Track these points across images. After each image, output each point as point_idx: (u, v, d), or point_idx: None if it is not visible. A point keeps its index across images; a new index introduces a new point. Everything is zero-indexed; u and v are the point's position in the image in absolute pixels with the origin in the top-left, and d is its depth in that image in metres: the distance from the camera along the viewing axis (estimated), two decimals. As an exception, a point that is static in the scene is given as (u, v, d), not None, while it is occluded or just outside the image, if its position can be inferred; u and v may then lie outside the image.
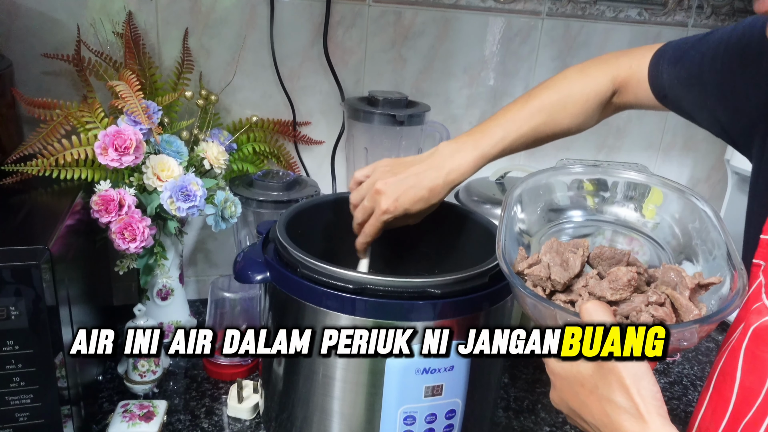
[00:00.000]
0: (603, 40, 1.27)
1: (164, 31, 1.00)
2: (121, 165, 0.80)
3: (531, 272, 0.55)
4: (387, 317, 0.65)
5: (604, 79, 0.76)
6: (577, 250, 0.57)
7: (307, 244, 0.83)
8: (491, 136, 0.76)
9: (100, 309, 0.96)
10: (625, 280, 0.52)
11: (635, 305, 0.51)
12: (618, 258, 0.57)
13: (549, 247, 0.58)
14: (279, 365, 0.75)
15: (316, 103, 1.13)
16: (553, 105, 0.77)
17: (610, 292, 0.52)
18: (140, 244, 0.81)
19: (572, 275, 0.55)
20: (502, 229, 0.61)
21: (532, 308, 0.52)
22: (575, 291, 0.55)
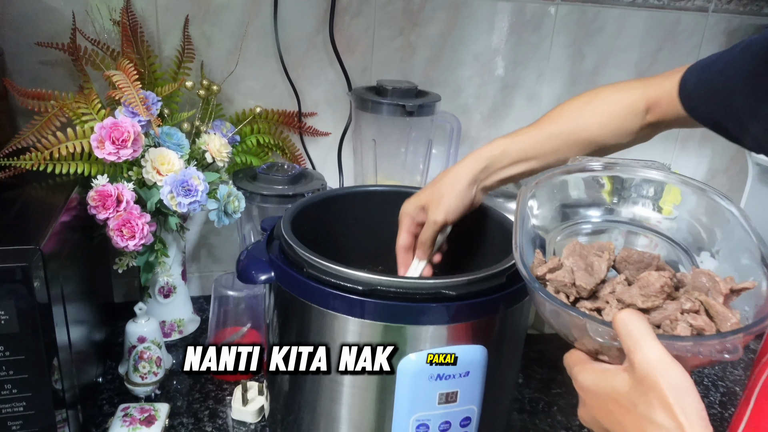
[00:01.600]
0: (619, 26, 1.22)
1: (164, 18, 0.96)
2: (119, 159, 0.76)
3: (554, 278, 0.51)
4: (398, 320, 0.61)
5: (635, 93, 0.72)
6: (602, 254, 0.53)
7: (313, 241, 0.79)
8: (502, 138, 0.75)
9: (99, 307, 0.93)
10: (658, 287, 0.48)
11: (668, 313, 0.47)
12: (646, 262, 0.53)
13: (571, 250, 0.54)
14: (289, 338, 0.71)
15: (321, 93, 1.09)
16: (579, 110, 0.73)
17: (640, 299, 0.48)
18: (139, 242, 0.78)
19: (598, 280, 0.51)
20: (518, 230, 0.57)
21: (554, 316, 0.48)
22: (601, 298, 0.51)
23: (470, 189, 0.73)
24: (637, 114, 0.72)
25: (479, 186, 0.74)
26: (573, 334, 0.47)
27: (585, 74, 1.24)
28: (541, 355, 1.04)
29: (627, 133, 0.73)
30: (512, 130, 1.23)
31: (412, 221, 0.76)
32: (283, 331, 0.69)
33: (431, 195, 0.74)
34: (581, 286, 0.50)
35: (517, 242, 0.54)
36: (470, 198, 0.73)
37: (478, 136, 1.22)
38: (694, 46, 1.30)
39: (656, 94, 0.71)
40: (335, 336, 0.63)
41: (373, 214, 0.87)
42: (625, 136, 0.74)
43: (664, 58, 1.29)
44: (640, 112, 0.72)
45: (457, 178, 0.73)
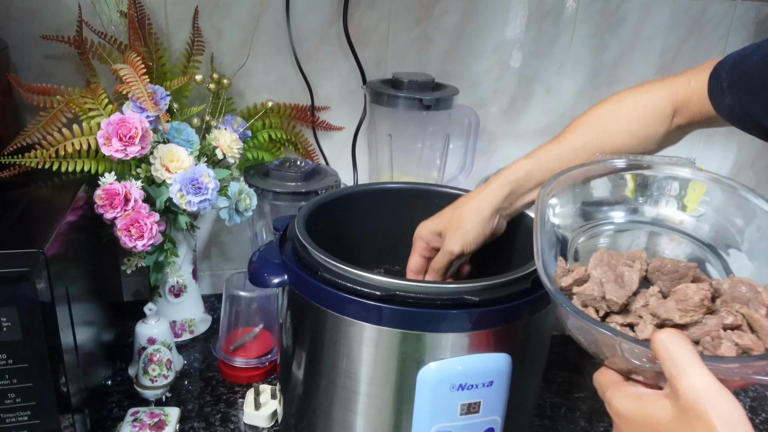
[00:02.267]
0: (643, 16, 1.18)
1: (173, 10, 0.93)
2: (126, 156, 0.73)
3: (582, 291, 0.47)
4: (417, 327, 0.58)
5: (661, 94, 0.68)
6: (633, 263, 0.49)
7: (327, 241, 0.76)
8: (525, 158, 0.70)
9: (108, 307, 0.91)
10: (696, 300, 0.44)
11: (708, 329, 0.44)
12: (682, 272, 0.49)
13: (599, 259, 0.50)
14: (299, 368, 0.68)
15: (335, 87, 1.06)
16: (603, 117, 0.69)
17: (678, 314, 0.44)
18: (148, 242, 0.75)
19: (630, 293, 0.47)
20: (538, 235, 0.53)
21: (582, 333, 0.45)
22: (633, 312, 0.47)
23: (492, 219, 0.69)
24: (665, 118, 0.68)
25: (502, 214, 0.70)
26: (604, 352, 0.43)
27: (607, 66, 1.20)
28: (563, 358, 1.00)
29: (655, 139, 0.69)
30: (531, 124, 1.21)
31: (426, 246, 0.73)
32: (297, 336, 0.66)
33: (450, 221, 0.70)
34: (612, 300, 0.46)
35: (539, 250, 0.50)
36: (491, 228, 0.70)
37: (496, 130, 1.19)
38: (721, 37, 1.25)
39: (684, 93, 0.67)
40: (351, 343, 0.60)
41: (389, 212, 0.84)
42: (654, 142, 0.69)
43: (690, 49, 1.24)
44: (667, 116, 0.68)
45: (480, 207, 0.69)
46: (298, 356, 0.67)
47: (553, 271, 0.52)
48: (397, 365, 0.60)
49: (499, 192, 0.69)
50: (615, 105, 0.70)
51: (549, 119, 1.21)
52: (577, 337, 0.46)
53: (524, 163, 0.69)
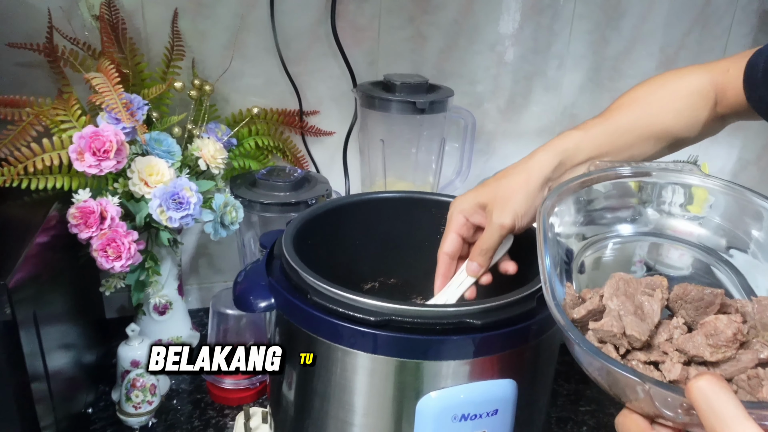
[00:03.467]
0: (645, 9, 1.13)
1: (151, 12, 0.88)
2: (101, 171, 0.68)
3: (599, 327, 0.42)
4: (415, 355, 0.53)
5: (704, 78, 0.64)
6: (654, 292, 0.44)
7: (319, 256, 0.72)
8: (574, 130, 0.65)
9: (89, 326, 0.87)
10: (729, 335, 0.39)
11: (743, 365, 0.39)
12: (707, 300, 0.44)
13: (614, 287, 0.45)
14: (289, 397, 0.64)
15: (325, 90, 1.01)
16: (648, 98, 0.65)
17: (708, 351, 0.39)
18: (126, 263, 0.71)
19: (652, 326, 0.42)
20: (543, 257, 0.48)
21: (602, 374, 0.40)
22: (656, 347, 0.42)
23: (542, 191, 0.61)
24: (708, 101, 0.64)
25: (551, 186, 0.63)
26: (627, 395, 0.39)
27: (609, 61, 1.15)
28: (569, 368, 0.96)
29: (700, 123, 0.65)
30: (531, 122, 1.16)
31: (465, 222, 0.63)
32: (287, 364, 0.62)
33: (495, 192, 0.62)
34: (634, 336, 0.41)
35: (546, 275, 0.46)
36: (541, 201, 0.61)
37: (495, 130, 1.14)
38: (725, 29, 1.21)
39: (722, 81, 0.63)
40: (345, 373, 0.56)
41: (383, 223, 0.80)
42: (698, 126, 0.65)
43: (693, 42, 1.20)
44: (710, 100, 0.64)
45: (529, 177, 0.61)
46: (288, 384, 0.62)
47: (562, 297, 0.47)
48: (394, 395, 0.55)
49: (549, 161, 0.61)
50: (659, 86, 0.66)
51: (550, 117, 1.17)
52: (594, 377, 0.41)
53: (574, 134, 0.63)
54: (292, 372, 0.61)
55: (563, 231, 0.61)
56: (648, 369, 0.41)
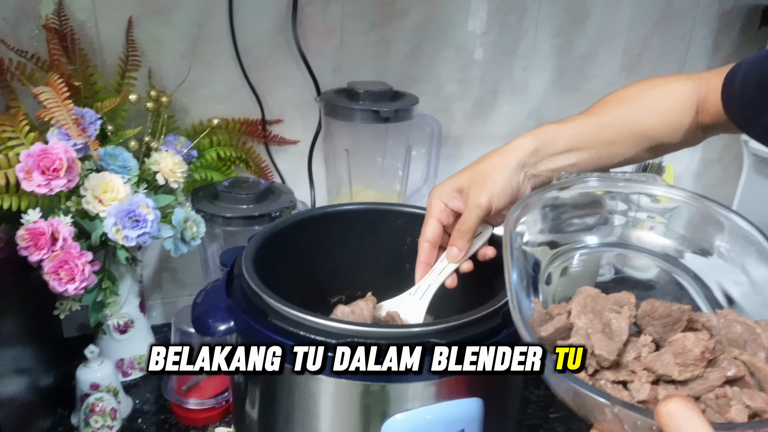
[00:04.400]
0: (608, 11, 1.14)
1: (104, 21, 0.85)
2: (51, 191, 0.66)
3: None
4: (379, 378, 0.52)
5: (689, 85, 0.65)
6: (621, 309, 0.44)
7: (283, 272, 0.70)
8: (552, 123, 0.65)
9: (44, 348, 0.83)
10: (697, 353, 0.39)
11: (711, 383, 0.39)
12: (675, 316, 0.43)
13: (582, 304, 0.45)
14: (252, 423, 0.62)
15: (288, 97, 0.99)
16: (633, 98, 0.66)
17: (677, 370, 0.39)
18: (80, 285, 0.68)
19: (621, 344, 0.42)
20: (511, 273, 0.48)
21: (570, 395, 0.39)
22: (624, 365, 0.42)
23: (518, 173, 0.61)
24: (691, 109, 0.65)
25: (528, 172, 0.63)
26: (596, 416, 0.38)
27: (574, 64, 1.16)
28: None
29: (682, 130, 0.66)
30: (498, 128, 1.16)
31: (444, 207, 0.63)
32: (247, 387, 0.60)
33: (472, 176, 0.62)
34: (602, 356, 0.41)
35: (513, 292, 0.45)
36: (518, 183, 0.62)
37: (462, 135, 1.13)
38: (686, 31, 1.22)
39: (705, 90, 0.64)
40: (307, 398, 0.54)
41: (348, 235, 0.78)
42: (680, 132, 0.66)
43: (656, 44, 1.21)
44: (693, 107, 0.65)
45: (504, 159, 0.61)
46: (251, 409, 0.60)
47: (529, 314, 0.46)
48: (359, 420, 0.54)
49: (526, 145, 0.62)
50: (645, 89, 0.67)
51: (516, 120, 1.17)
52: (562, 397, 0.40)
53: (551, 127, 0.64)
54: (255, 390, 0.59)
55: (531, 240, 0.61)
56: (617, 389, 0.41)
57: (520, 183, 0.62)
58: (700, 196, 0.59)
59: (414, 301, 0.64)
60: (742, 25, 1.25)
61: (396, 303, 0.65)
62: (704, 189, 1.40)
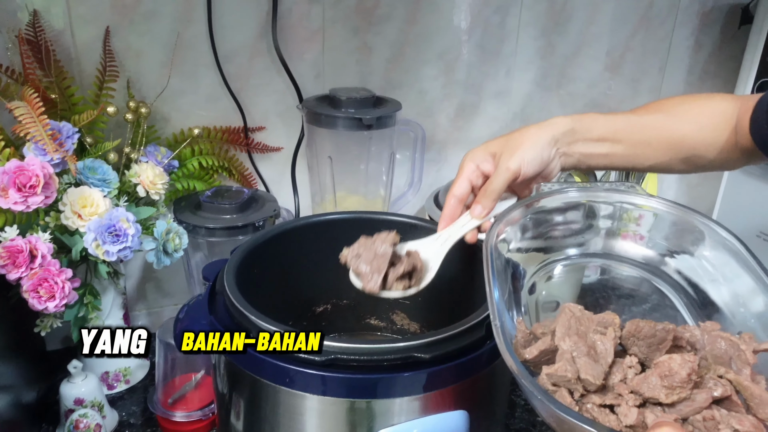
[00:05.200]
0: (589, 13, 1.14)
1: (81, 31, 0.84)
2: (28, 208, 0.65)
3: (554, 372, 0.41)
4: (364, 395, 0.52)
5: (730, 104, 0.65)
6: (606, 330, 0.44)
7: (267, 285, 0.70)
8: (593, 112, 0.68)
9: (26, 364, 0.82)
10: (684, 375, 0.39)
11: (698, 404, 0.39)
12: (660, 336, 0.43)
13: (566, 326, 0.44)
14: (237, 420, 0.61)
15: (271, 104, 0.98)
16: (675, 107, 0.67)
17: (664, 392, 0.39)
18: (61, 302, 0.67)
19: (606, 368, 0.42)
20: (494, 291, 0.48)
21: (557, 421, 0.39)
22: (611, 388, 0.42)
23: (551, 147, 0.64)
24: (728, 125, 0.65)
25: (560, 149, 0.65)
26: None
27: (556, 67, 1.16)
28: (525, 378, 0.96)
29: (718, 145, 0.66)
30: (482, 131, 1.16)
31: (476, 169, 0.65)
32: (232, 405, 0.59)
33: (506, 143, 0.64)
34: (588, 380, 0.41)
35: (496, 312, 0.45)
36: (548, 157, 0.64)
37: (446, 139, 1.13)
38: (668, 32, 1.22)
39: (743, 111, 0.63)
40: (292, 415, 0.54)
41: (332, 244, 0.77)
42: (716, 147, 0.66)
43: (638, 45, 1.21)
44: (731, 125, 0.65)
45: (540, 132, 0.64)
46: (235, 427, 0.60)
47: (512, 335, 0.46)
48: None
49: (563, 124, 0.64)
50: (688, 100, 0.68)
51: (500, 124, 1.17)
52: (549, 422, 0.40)
53: (592, 113, 0.67)
54: (239, 413, 0.59)
55: (516, 247, 0.61)
56: (603, 413, 0.41)
57: (550, 158, 0.64)
58: (680, 206, 0.60)
59: (435, 246, 0.65)
60: (723, 25, 1.25)
61: (417, 244, 0.65)
62: (687, 189, 1.41)
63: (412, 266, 0.60)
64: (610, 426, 0.40)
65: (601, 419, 0.40)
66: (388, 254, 0.59)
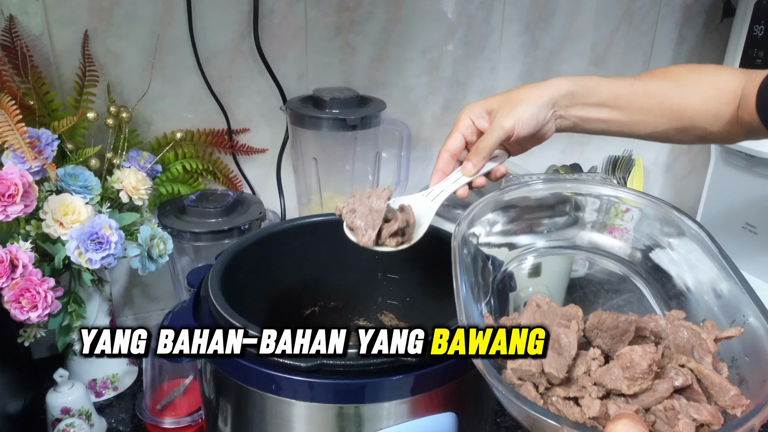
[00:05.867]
0: (572, 9, 1.14)
1: (59, 35, 0.83)
2: (8, 217, 0.64)
3: (518, 367, 0.42)
4: (352, 400, 0.52)
5: (736, 78, 0.64)
6: (570, 323, 0.44)
7: (253, 289, 0.70)
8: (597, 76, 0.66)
9: (10, 373, 0.81)
10: (645, 366, 0.40)
11: (659, 395, 0.40)
12: (622, 327, 0.44)
13: (530, 319, 0.46)
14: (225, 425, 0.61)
15: (254, 106, 0.97)
16: (681, 76, 0.66)
17: (626, 384, 0.40)
18: (43, 313, 0.66)
19: (570, 360, 0.43)
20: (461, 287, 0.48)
21: (521, 415, 0.40)
22: (575, 380, 0.43)
23: (548, 108, 0.63)
24: (733, 100, 0.64)
25: (557, 112, 0.64)
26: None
27: (540, 62, 1.16)
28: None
29: (721, 119, 0.65)
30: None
31: (471, 124, 0.64)
32: (219, 413, 0.59)
33: (504, 101, 0.63)
34: (552, 374, 0.41)
35: (462, 306, 0.45)
36: (544, 118, 0.63)
37: (432, 137, 1.13)
38: (651, 25, 1.23)
39: (749, 87, 0.62)
40: (280, 422, 0.53)
41: (319, 246, 0.77)
42: (719, 122, 0.65)
43: (621, 39, 1.21)
44: (735, 99, 0.64)
45: (539, 92, 0.63)
46: (224, 420, 0.59)
47: None
48: (332, 441, 0.53)
49: (563, 85, 0.63)
50: (694, 69, 0.67)
51: (485, 121, 1.16)
52: (515, 416, 0.41)
53: (594, 77, 0.65)
54: (226, 421, 0.58)
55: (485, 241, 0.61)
56: (568, 405, 0.42)
57: (546, 119, 0.63)
58: (648, 195, 0.59)
59: (426, 201, 0.64)
60: (706, 18, 1.26)
61: (410, 199, 0.65)
62: (674, 180, 1.42)
63: (405, 222, 0.60)
64: (574, 419, 0.41)
65: (566, 412, 0.41)
66: (382, 210, 0.59)
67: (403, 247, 0.60)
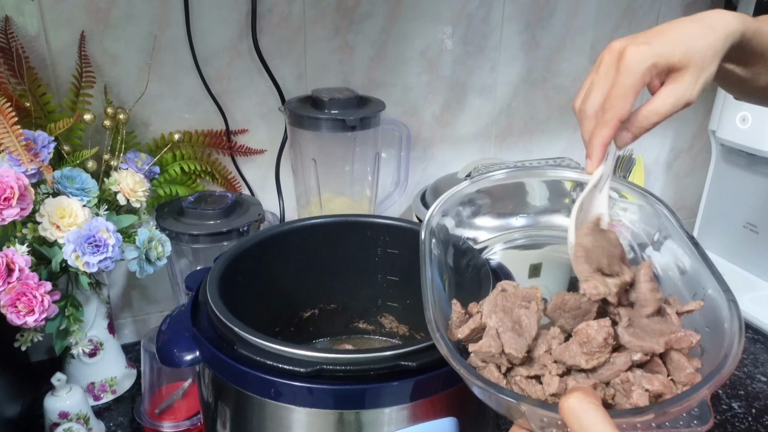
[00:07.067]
0: (573, 7, 1.13)
1: (55, 36, 0.82)
2: (4, 221, 0.63)
3: (478, 349, 0.43)
4: (352, 405, 0.51)
5: None
6: (530, 304, 0.45)
7: (252, 292, 0.69)
8: None
9: (8, 377, 0.81)
10: (600, 340, 0.40)
11: (618, 367, 0.40)
12: (585, 308, 0.45)
13: (493, 303, 0.46)
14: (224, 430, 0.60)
15: (252, 106, 0.97)
16: None
17: (584, 359, 0.41)
18: (41, 317, 0.65)
19: (530, 341, 0.43)
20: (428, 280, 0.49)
21: (485, 396, 0.40)
22: (537, 359, 0.43)
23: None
24: None
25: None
26: (513, 414, 0.40)
27: (541, 61, 1.15)
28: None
29: None
30: (467, 127, 1.15)
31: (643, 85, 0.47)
32: (217, 418, 0.58)
33: (690, 57, 0.47)
34: (512, 354, 0.42)
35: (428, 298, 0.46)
36: None
37: (431, 137, 1.12)
38: (652, 23, 1.22)
39: None
40: (279, 428, 0.53)
41: (318, 248, 0.77)
42: None
43: (622, 36, 1.20)
44: None
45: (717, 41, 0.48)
46: (223, 424, 0.59)
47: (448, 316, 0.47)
48: (332, 447, 0.53)
49: (732, 32, 0.49)
50: None
51: (485, 120, 1.16)
52: (483, 400, 0.42)
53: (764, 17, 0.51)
54: (225, 426, 0.58)
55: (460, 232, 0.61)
56: (530, 383, 0.42)
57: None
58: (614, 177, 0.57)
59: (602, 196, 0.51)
60: (706, 15, 1.25)
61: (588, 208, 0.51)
62: (675, 179, 1.41)
63: None
64: (536, 396, 0.41)
65: (529, 390, 0.41)
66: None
67: None
